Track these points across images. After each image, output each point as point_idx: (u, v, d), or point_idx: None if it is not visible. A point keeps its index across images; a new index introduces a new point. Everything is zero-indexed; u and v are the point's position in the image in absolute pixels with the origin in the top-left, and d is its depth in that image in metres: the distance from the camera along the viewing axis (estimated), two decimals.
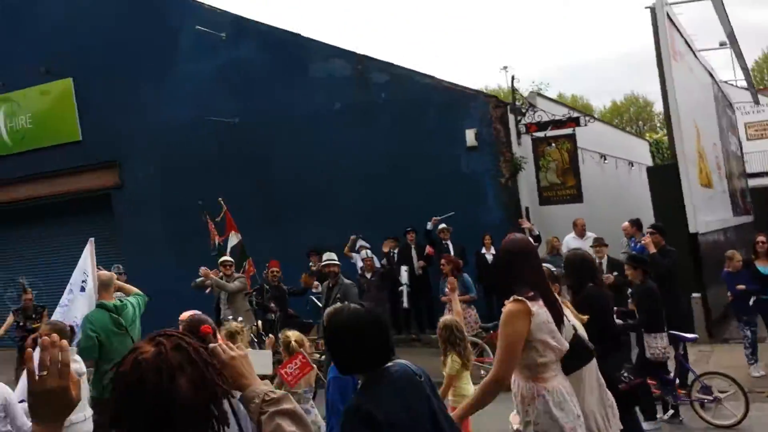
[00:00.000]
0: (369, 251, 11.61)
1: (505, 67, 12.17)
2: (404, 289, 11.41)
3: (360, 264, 11.53)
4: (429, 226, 11.68)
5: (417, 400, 2.41)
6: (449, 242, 11.57)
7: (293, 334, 5.24)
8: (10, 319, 10.16)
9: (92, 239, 6.30)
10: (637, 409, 4.81)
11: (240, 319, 7.50)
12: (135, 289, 6.22)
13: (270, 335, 7.11)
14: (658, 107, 42.37)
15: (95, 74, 15.02)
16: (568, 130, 11.77)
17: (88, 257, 6.01)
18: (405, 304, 11.46)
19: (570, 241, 10.98)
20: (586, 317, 3.90)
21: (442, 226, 11.54)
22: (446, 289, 9.31)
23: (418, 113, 12.46)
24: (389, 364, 2.47)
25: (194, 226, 14.14)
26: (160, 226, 14.79)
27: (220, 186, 13.96)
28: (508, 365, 3.12)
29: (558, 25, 65.20)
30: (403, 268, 11.54)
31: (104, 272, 5.91)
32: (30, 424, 3.76)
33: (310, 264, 12.55)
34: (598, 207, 14.49)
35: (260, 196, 13.78)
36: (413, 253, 11.93)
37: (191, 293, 12.79)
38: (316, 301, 10.32)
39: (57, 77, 15.23)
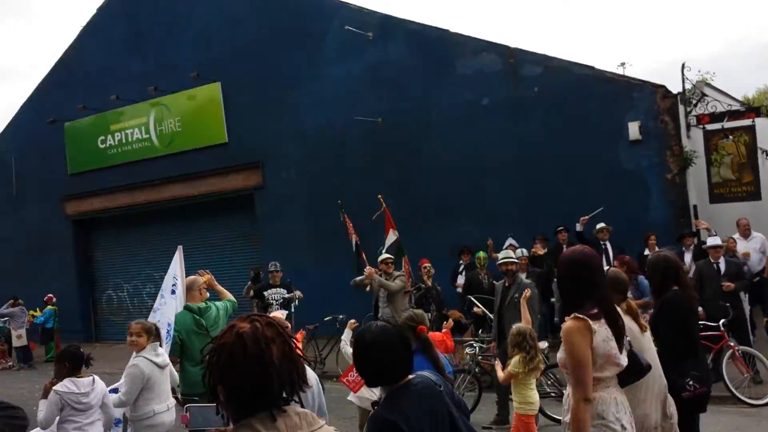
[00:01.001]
0: (523, 250, 11.16)
1: (683, 64, 11.29)
2: (555, 303, 10.65)
3: None
4: (578, 227, 11.01)
5: (438, 409, 2.53)
6: (608, 243, 10.86)
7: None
8: None
9: (181, 247, 6.63)
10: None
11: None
12: (228, 294, 6.47)
13: None
14: None
15: (242, 78, 15.45)
16: (746, 121, 10.92)
17: (177, 263, 6.35)
18: (555, 318, 10.69)
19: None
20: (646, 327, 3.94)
21: (601, 225, 10.87)
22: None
23: (574, 106, 11.96)
24: (411, 376, 2.58)
25: (335, 226, 14.17)
26: (300, 225, 14.93)
27: (364, 186, 13.99)
28: (585, 381, 3.10)
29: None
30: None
31: (189, 277, 6.17)
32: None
33: (460, 263, 12.27)
34: (762, 207, 13.39)
35: (406, 195, 13.62)
36: None
37: (331, 291, 12.85)
38: (474, 301, 9.94)
39: (206, 81, 15.74)
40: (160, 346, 5.32)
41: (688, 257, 10.36)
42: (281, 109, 15.02)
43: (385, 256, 9.30)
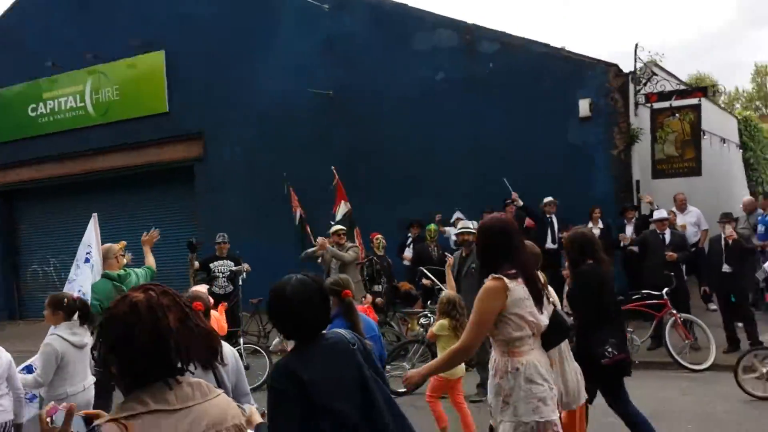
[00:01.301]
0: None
1: (636, 44, 11.77)
2: None
3: (454, 238, 11.06)
4: (517, 203, 11.10)
5: (346, 366, 2.53)
6: (553, 216, 11.00)
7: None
8: None
9: (95, 214, 6.54)
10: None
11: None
12: (152, 261, 6.64)
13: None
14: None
15: (188, 47, 14.93)
16: (693, 100, 11.27)
17: (92, 231, 6.32)
18: None
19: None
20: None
21: (548, 199, 11.00)
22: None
23: (530, 84, 12.03)
24: (324, 332, 2.59)
25: (278, 200, 13.88)
26: (242, 199, 14.50)
27: (311, 160, 13.74)
28: (476, 335, 3.27)
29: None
30: None
31: (104, 245, 6.21)
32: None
33: (409, 236, 12.13)
34: (695, 184, 13.83)
35: (355, 170, 13.40)
36: None
37: (274, 265, 12.42)
38: (426, 272, 9.79)
39: (149, 50, 15.15)
40: (82, 324, 4.96)
41: (629, 229, 10.61)
42: (228, 80, 14.57)
43: (337, 227, 9.09)
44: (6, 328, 16.21)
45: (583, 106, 11.63)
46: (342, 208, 11.18)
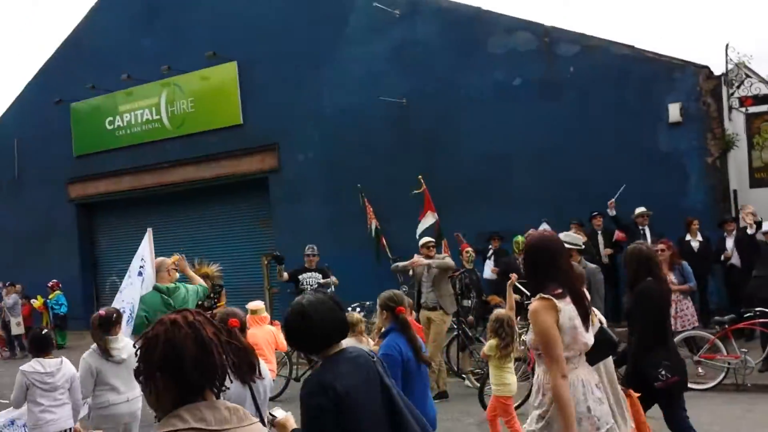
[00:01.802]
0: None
1: (727, 45, 11.21)
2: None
3: None
4: (610, 212, 10.65)
5: (373, 378, 2.63)
6: (646, 228, 10.45)
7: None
8: None
9: (150, 229, 6.81)
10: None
11: (359, 310, 7.12)
12: (199, 280, 6.71)
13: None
14: None
15: (260, 57, 14.98)
16: None
17: (146, 245, 6.51)
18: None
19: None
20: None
21: (641, 210, 10.46)
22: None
23: (612, 87, 11.55)
24: (345, 346, 2.68)
25: (353, 211, 13.77)
26: (317, 209, 14.43)
27: (385, 170, 13.56)
28: (559, 358, 3.14)
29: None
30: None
31: (158, 258, 6.36)
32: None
33: (490, 248, 11.81)
34: None
35: (431, 180, 13.11)
36: (599, 239, 10.93)
37: (349, 277, 12.28)
38: (520, 287, 9.40)
39: (222, 61, 15.23)
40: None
41: (729, 242, 9.98)
42: (300, 90, 14.53)
43: (426, 239, 8.72)
44: (86, 338, 16.66)
45: (673, 111, 11.05)
46: (428, 219, 10.92)
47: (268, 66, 14.90)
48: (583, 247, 7.27)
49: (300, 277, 9.39)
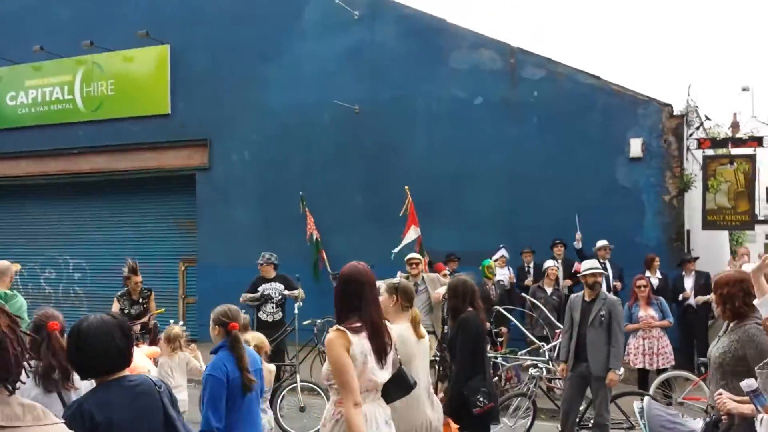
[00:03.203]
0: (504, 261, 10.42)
1: (689, 86, 11.50)
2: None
3: (502, 280, 10.21)
4: (576, 244, 10.43)
5: (152, 408, 2.56)
6: (607, 262, 10.26)
7: (253, 338, 5.29)
8: (115, 305, 8.49)
9: None
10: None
11: (181, 323, 6.76)
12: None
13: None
14: None
15: (198, 43, 13.75)
16: (748, 150, 10.75)
17: None
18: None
19: None
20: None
21: (602, 243, 10.26)
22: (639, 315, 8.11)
23: (575, 116, 11.36)
24: (126, 374, 2.57)
25: (289, 218, 12.83)
26: (248, 214, 13.34)
27: (328, 177, 12.75)
28: (352, 386, 3.19)
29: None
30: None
31: (3, 261, 6.27)
32: None
33: (445, 272, 11.22)
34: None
35: (376, 194, 12.46)
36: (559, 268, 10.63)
37: None
38: (508, 314, 8.80)
39: (153, 43, 13.83)
40: None
41: (689, 282, 9.94)
42: (241, 83, 13.40)
43: (411, 255, 7.94)
44: None
45: (635, 146, 11.00)
46: (411, 234, 10.18)
47: (206, 53, 13.69)
48: (603, 271, 6.81)
49: (260, 288, 8.32)
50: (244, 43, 13.36)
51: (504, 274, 10.55)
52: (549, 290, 9.39)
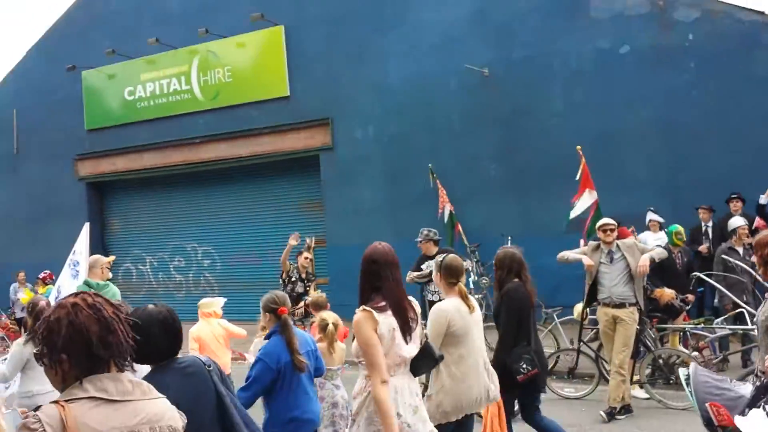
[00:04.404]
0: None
1: None
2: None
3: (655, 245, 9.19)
4: (763, 199, 9.32)
5: (204, 388, 2.69)
6: None
7: (330, 316, 5.45)
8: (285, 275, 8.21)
9: (87, 224, 6.86)
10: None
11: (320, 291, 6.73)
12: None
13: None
14: None
15: (311, 21, 13.34)
16: None
17: (83, 239, 6.62)
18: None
19: None
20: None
21: None
22: None
23: (737, 58, 10.24)
24: (179, 356, 2.74)
25: (419, 194, 12.25)
26: (375, 192, 12.86)
27: (458, 147, 12.09)
28: (379, 363, 3.30)
29: None
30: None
31: (93, 255, 6.36)
32: None
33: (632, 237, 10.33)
34: None
35: (513, 160, 11.72)
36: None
37: (406, 269, 10.83)
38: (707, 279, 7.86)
39: (266, 25, 13.52)
40: None
41: None
42: (359, 58, 12.92)
43: (605, 221, 7.07)
44: None
45: None
46: (585, 199, 9.36)
47: (320, 31, 13.26)
48: None
49: (424, 265, 7.73)
50: (359, 16, 12.87)
51: (660, 239, 9.53)
52: (740, 251, 8.36)
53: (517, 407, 5.15)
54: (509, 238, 9.73)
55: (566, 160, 11.19)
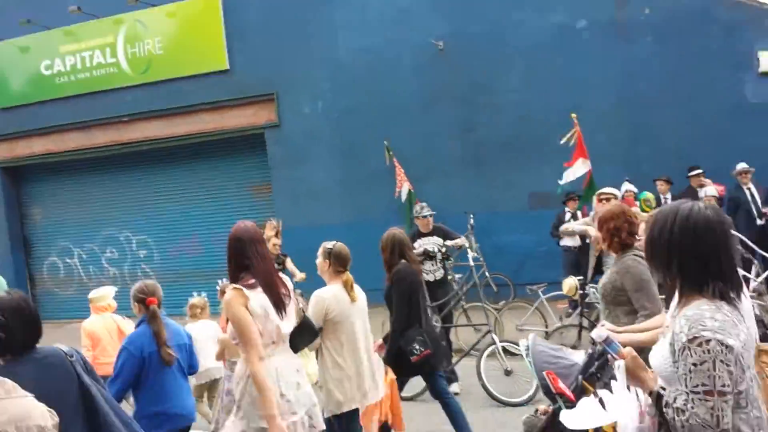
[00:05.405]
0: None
1: None
2: None
3: None
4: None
5: (64, 377, 2.58)
6: (751, 186, 9.48)
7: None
8: None
9: None
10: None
11: (203, 294, 6.55)
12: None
13: None
14: None
15: None
16: None
17: None
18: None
19: None
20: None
21: (742, 166, 9.44)
22: None
23: (694, 32, 10.38)
24: (38, 347, 2.63)
25: (371, 171, 11.87)
26: (327, 171, 12.31)
27: (415, 123, 11.74)
28: (255, 341, 3.33)
29: None
30: None
31: None
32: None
33: (567, 210, 10.32)
34: None
35: (471, 136, 11.50)
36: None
37: (367, 251, 10.50)
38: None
39: None
40: None
41: None
42: (305, 29, 12.23)
43: (606, 189, 6.93)
44: None
45: (764, 60, 10.03)
46: (579, 167, 9.18)
47: None
48: None
49: (416, 243, 7.35)
50: None
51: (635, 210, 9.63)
52: None
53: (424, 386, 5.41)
54: (471, 215, 9.49)
55: (526, 136, 11.17)
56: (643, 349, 2.56)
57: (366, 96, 11.92)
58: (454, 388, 7.05)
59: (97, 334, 5.83)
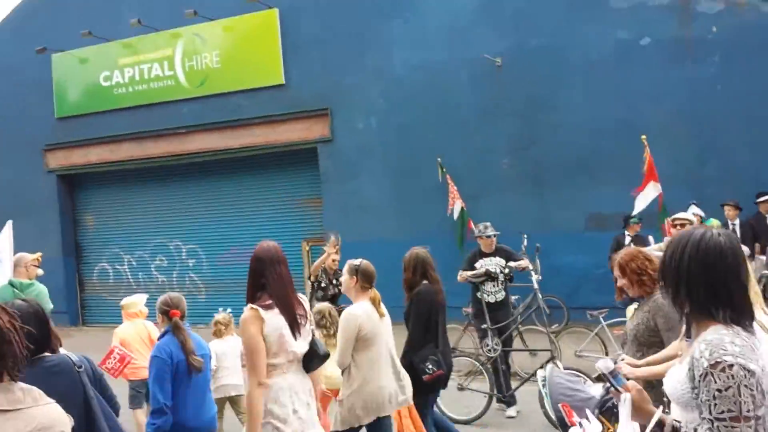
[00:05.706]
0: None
1: None
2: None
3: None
4: None
5: (70, 387, 2.65)
6: None
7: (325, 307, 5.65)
8: (308, 286, 7.60)
9: (10, 222, 6.54)
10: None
11: (229, 310, 6.53)
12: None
13: None
14: None
15: (309, 4, 12.57)
16: None
17: (6, 237, 6.38)
18: None
19: None
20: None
21: None
22: None
23: (760, 52, 10.03)
24: (45, 355, 2.71)
25: (423, 188, 11.73)
26: (379, 187, 12.22)
27: (469, 140, 11.59)
28: (259, 366, 3.38)
29: None
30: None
31: (18, 254, 6.21)
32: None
33: (626, 234, 9.99)
34: None
35: (528, 154, 11.28)
36: None
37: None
38: None
39: (259, 8, 12.71)
40: None
41: None
42: (360, 44, 12.25)
43: (680, 215, 6.69)
44: (74, 335, 13.70)
45: None
46: (650, 192, 8.93)
47: (319, 14, 12.52)
48: None
49: (478, 263, 7.13)
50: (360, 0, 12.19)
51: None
52: None
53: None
54: (525, 236, 9.25)
55: (585, 154, 10.91)
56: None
57: (420, 112, 11.84)
58: (510, 412, 6.80)
59: (128, 340, 5.96)
